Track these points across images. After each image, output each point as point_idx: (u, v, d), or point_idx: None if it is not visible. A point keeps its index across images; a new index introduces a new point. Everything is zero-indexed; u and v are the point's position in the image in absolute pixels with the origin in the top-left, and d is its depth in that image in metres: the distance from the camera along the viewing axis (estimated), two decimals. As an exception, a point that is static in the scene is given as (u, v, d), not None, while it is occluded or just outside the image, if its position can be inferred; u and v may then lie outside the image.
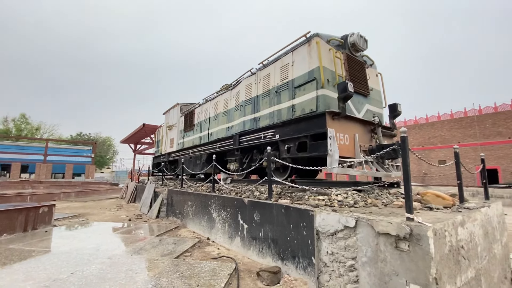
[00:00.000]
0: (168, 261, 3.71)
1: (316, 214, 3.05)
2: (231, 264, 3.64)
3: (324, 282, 2.92)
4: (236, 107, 7.06)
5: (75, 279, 3.05)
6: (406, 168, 2.49)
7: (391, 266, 2.36)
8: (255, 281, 3.23)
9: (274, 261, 3.59)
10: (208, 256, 4.19)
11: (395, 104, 5.38)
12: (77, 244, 4.54)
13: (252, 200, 4.26)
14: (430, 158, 23.10)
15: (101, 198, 13.36)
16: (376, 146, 4.75)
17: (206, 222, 5.45)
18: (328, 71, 4.66)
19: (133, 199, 11.69)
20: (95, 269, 3.36)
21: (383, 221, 2.43)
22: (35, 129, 46.87)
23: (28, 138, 40.32)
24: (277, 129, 5.35)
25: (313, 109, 4.58)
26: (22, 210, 5.18)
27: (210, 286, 2.92)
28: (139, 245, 4.56)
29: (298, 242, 3.25)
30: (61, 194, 12.11)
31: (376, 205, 3.69)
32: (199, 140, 8.96)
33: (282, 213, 3.55)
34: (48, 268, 3.39)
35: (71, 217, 7.44)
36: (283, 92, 5.36)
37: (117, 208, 9.71)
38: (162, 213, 7.61)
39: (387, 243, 2.41)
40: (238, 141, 6.55)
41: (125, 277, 3.13)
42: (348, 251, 2.71)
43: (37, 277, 3.10)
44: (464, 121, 22.62)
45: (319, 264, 2.99)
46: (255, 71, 6.50)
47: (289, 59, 5.34)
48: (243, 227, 4.34)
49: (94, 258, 3.80)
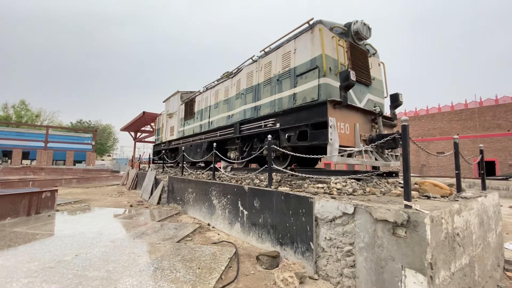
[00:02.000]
0: (169, 245, 3.80)
1: (315, 201, 3.10)
2: (231, 249, 3.73)
3: (322, 266, 3.00)
4: (237, 95, 7.02)
5: (79, 260, 3.13)
6: (406, 157, 2.51)
7: (387, 251, 2.43)
8: (254, 264, 3.32)
9: (273, 246, 3.67)
10: (208, 241, 4.29)
11: (397, 94, 5.35)
12: (80, 228, 4.63)
13: (252, 187, 4.31)
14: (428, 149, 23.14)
15: (102, 184, 13.49)
16: (376, 135, 4.76)
17: (207, 208, 5.54)
18: (331, 59, 4.61)
19: (134, 186, 11.81)
20: (99, 252, 3.45)
21: (381, 208, 2.47)
22: (35, 115, 46.72)
23: (28, 124, 40.25)
24: (278, 118, 5.34)
25: (314, 97, 4.56)
26: (25, 194, 5.25)
27: (210, 269, 3.00)
28: (141, 230, 4.65)
29: (297, 228, 3.31)
30: (63, 180, 12.22)
31: (374, 193, 3.74)
32: (200, 128, 8.96)
33: (281, 200, 3.61)
34: (52, 250, 3.48)
35: (73, 202, 7.54)
36: (285, 81, 5.32)
37: (119, 194, 9.82)
38: (163, 200, 7.71)
39: (384, 229, 2.47)
40: (238, 129, 6.55)
41: (127, 260, 3.21)
42: (346, 237, 2.77)
43: (42, 258, 3.19)
44: (464, 113, 22.51)
45: (317, 249, 3.06)
46: (256, 59, 6.42)
47: (291, 47, 5.27)
48: (243, 213, 4.41)
49: (97, 242, 3.88)
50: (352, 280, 2.69)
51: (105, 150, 57.09)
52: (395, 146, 4.53)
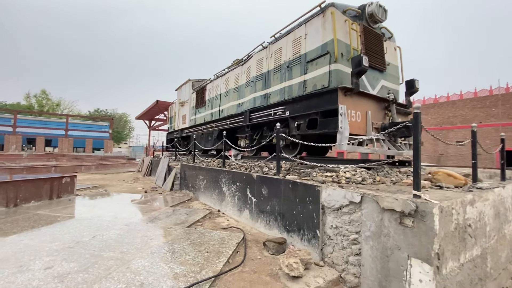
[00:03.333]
0: (180, 230, 3.94)
1: (322, 189, 3.09)
2: (239, 234, 3.82)
3: (328, 253, 3.02)
4: (247, 83, 6.96)
5: (96, 242, 3.32)
6: (416, 145, 2.43)
7: (393, 240, 2.41)
8: (261, 250, 3.40)
9: (281, 233, 3.73)
10: (218, 226, 4.40)
11: (413, 80, 5.13)
12: (97, 212, 4.87)
13: (261, 175, 4.34)
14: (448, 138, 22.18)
15: (119, 171, 14.02)
16: (389, 123, 4.62)
17: (217, 195, 5.66)
18: (343, 44, 4.45)
19: (149, 172, 12.20)
20: (114, 234, 3.63)
21: (389, 198, 2.43)
22: (55, 105, 48.59)
23: (50, 113, 41.96)
24: (288, 105, 5.27)
25: (325, 84, 4.45)
26: (47, 179, 5.56)
27: (218, 253, 3.10)
28: (154, 214, 4.84)
29: (303, 215, 3.33)
30: (82, 167, 12.81)
31: (384, 182, 3.67)
32: (211, 117, 9.03)
33: (289, 188, 3.62)
34: (72, 232, 3.70)
35: (91, 188, 7.92)
36: (295, 67, 5.20)
37: (134, 180, 10.20)
38: (176, 186, 7.93)
39: (391, 219, 2.43)
40: (248, 117, 6.55)
41: (140, 242, 3.37)
42: (352, 225, 2.77)
43: (62, 239, 3.40)
44: (488, 99, 21.22)
45: (323, 236, 3.08)
46: (266, 45, 6.30)
47: (302, 32, 5.11)
48: (251, 200, 4.48)
49: (112, 225, 4.09)
50: (357, 268, 2.70)
51: (122, 138, 58.86)
52: (409, 135, 4.39)
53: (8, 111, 33.83)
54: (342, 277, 2.83)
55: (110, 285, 2.28)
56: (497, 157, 19.06)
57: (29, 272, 2.48)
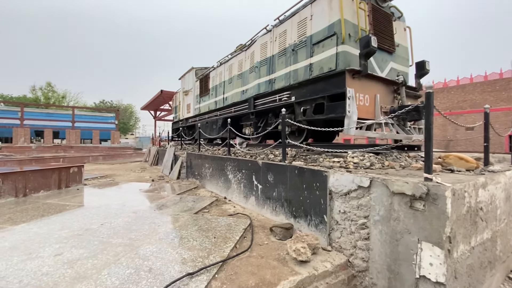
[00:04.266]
0: (187, 216, 3.97)
1: (330, 174, 3.04)
2: (246, 220, 3.83)
3: (335, 238, 3.00)
4: (250, 68, 6.81)
5: (104, 229, 3.36)
6: (428, 127, 2.33)
7: (403, 224, 2.36)
8: (268, 235, 3.40)
9: (287, 218, 3.72)
10: (224, 213, 4.42)
11: (423, 61, 4.92)
12: (105, 201, 4.94)
13: (266, 162, 4.30)
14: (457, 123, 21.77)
15: (126, 161, 14.18)
16: (398, 107, 4.48)
17: (223, 182, 5.66)
18: (350, 25, 4.26)
19: (156, 162, 12.30)
20: (122, 222, 3.67)
21: (399, 181, 2.37)
22: (61, 97, 48.90)
23: (56, 105, 42.35)
24: (293, 90, 5.15)
25: (332, 67, 4.30)
26: (55, 169, 5.63)
27: (225, 238, 3.11)
28: (161, 202, 4.88)
29: (310, 201, 3.30)
30: (90, 157, 12.98)
31: (393, 167, 3.59)
32: (215, 105, 8.94)
33: (295, 174, 3.57)
34: (80, 220, 3.75)
35: (99, 177, 8.03)
36: (300, 50, 5.04)
37: (141, 170, 10.30)
38: (182, 175, 7.98)
39: (401, 203, 2.38)
40: (253, 105, 6.45)
41: (148, 229, 3.40)
42: (361, 210, 2.72)
43: (71, 226, 3.46)
44: (498, 83, 20.49)
45: (331, 222, 3.05)
46: (270, 28, 6.10)
47: (307, 13, 4.91)
48: (257, 187, 4.46)
49: (120, 212, 4.13)
50: (365, 252, 2.68)
51: (128, 129, 59.32)
52: (419, 118, 4.26)
53: (15, 104, 34.25)
54: (350, 261, 2.82)
55: (119, 270, 2.31)
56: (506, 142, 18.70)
57: (39, 259, 2.53)
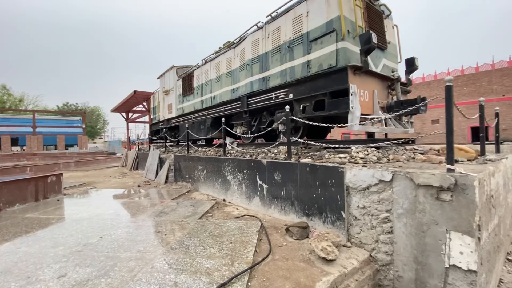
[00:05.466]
0: (193, 222, 3.74)
1: (347, 170, 3.02)
2: (256, 222, 3.70)
3: (354, 234, 2.99)
4: (241, 66, 6.65)
5: (106, 242, 3.03)
6: (449, 120, 2.38)
7: (430, 216, 2.39)
8: (283, 236, 3.30)
9: (299, 217, 3.65)
10: (229, 215, 4.24)
11: (413, 58, 5.13)
12: (95, 211, 4.51)
13: (272, 161, 4.20)
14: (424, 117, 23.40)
15: (102, 167, 13.24)
16: (394, 102, 4.62)
17: (220, 184, 5.46)
18: (348, 21, 4.30)
19: (136, 166, 11.62)
20: (123, 232, 3.36)
21: (425, 173, 2.39)
22: (18, 100, 44.56)
23: (13, 110, 38.42)
24: (290, 88, 5.10)
25: (332, 64, 4.31)
26: (31, 180, 5.03)
27: (243, 243, 2.96)
28: (158, 209, 4.57)
29: (325, 198, 3.26)
30: (61, 165, 11.92)
31: (399, 160, 3.67)
32: (201, 105, 8.63)
33: (306, 172, 3.51)
34: (74, 234, 3.36)
35: (78, 185, 7.37)
36: (296, 47, 5.00)
37: (122, 175, 9.66)
38: (170, 179, 7.59)
39: (426, 195, 2.41)
40: (246, 103, 6.30)
41: (155, 239, 3.14)
42: (382, 204, 2.73)
43: (66, 243, 3.08)
44: (460, 79, 22.42)
45: (349, 217, 3.03)
46: (262, 25, 5.99)
47: (303, 9, 4.88)
48: (262, 187, 4.34)
49: (117, 223, 3.78)
50: (389, 246, 2.69)
51: (96, 133, 55.75)
52: (416, 112, 4.42)
53: (-37, 109, 30.49)
54: (372, 256, 2.82)
55: (141, 288, 2.07)
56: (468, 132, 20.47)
57: (41, 283, 2.19)
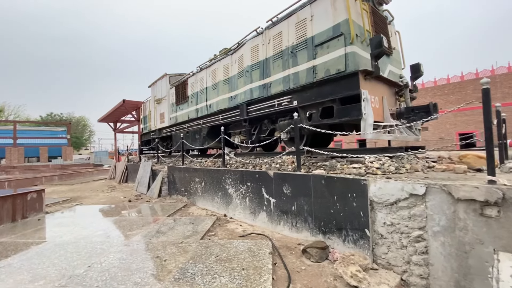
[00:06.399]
0: (195, 244, 3.33)
1: (370, 182, 2.73)
2: (266, 242, 3.33)
3: (381, 254, 2.68)
4: (239, 73, 6.38)
5: (95, 273, 2.58)
6: (488, 125, 2.16)
7: (473, 234, 2.12)
8: (299, 258, 2.95)
9: (313, 235, 3.32)
10: (233, 234, 3.86)
11: (418, 64, 5.02)
12: (81, 232, 4.01)
13: (279, 172, 3.88)
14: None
15: (88, 180, 12.50)
16: (404, 109, 4.44)
17: (221, 198, 5.06)
18: (356, 25, 4.12)
19: (125, 179, 11.00)
20: (115, 260, 2.91)
21: (466, 186, 2.13)
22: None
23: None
24: (295, 94, 4.85)
25: (340, 69, 4.09)
26: (7, 198, 4.48)
27: (256, 269, 2.59)
28: (154, 228, 4.12)
29: (345, 214, 2.95)
30: (43, 178, 11.13)
31: (417, 170, 3.44)
32: (196, 113, 8.27)
33: (322, 184, 3.21)
34: (56, 262, 2.89)
35: (61, 202, 6.76)
36: (300, 52, 4.78)
37: (110, 189, 9.05)
38: (164, 192, 7.11)
39: (468, 210, 2.14)
40: (246, 111, 6.00)
41: (154, 266, 2.72)
42: (414, 220, 2.44)
43: (47, 274, 2.61)
44: (447, 87, 23.16)
45: (374, 236, 2.73)
46: (261, 31, 5.78)
47: (306, 13, 4.69)
48: (269, 201, 3.99)
49: (108, 247, 3.32)
50: (423, 268, 2.39)
51: (82, 144, 53.90)
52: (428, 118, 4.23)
53: None
54: (404, 279, 2.50)
55: (143, 338, 1.66)
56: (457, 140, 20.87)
57: (13, 333, 1.74)
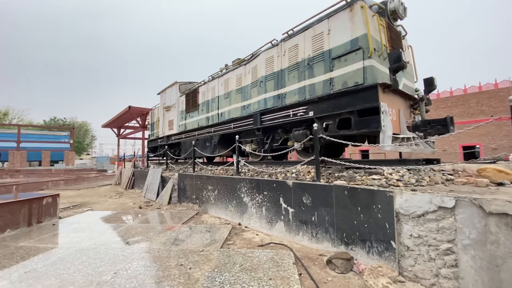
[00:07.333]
0: (216, 252, 3.33)
1: (396, 194, 2.76)
2: (288, 252, 3.33)
3: (407, 266, 2.68)
4: (253, 83, 6.50)
5: (122, 280, 2.59)
6: (518, 141, 2.20)
7: (505, 248, 2.14)
8: (323, 268, 2.95)
9: (335, 246, 3.32)
10: (251, 243, 3.86)
11: (431, 78, 5.12)
12: (99, 238, 4.01)
13: (299, 182, 3.91)
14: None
15: (94, 185, 12.49)
16: (421, 121, 4.51)
17: (235, 207, 5.07)
18: (374, 40, 4.23)
19: (131, 185, 11.00)
20: (139, 267, 2.91)
21: (498, 200, 2.17)
22: (2, 114, 42.97)
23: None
24: (311, 105, 4.93)
25: (358, 81, 4.18)
26: (24, 202, 4.50)
27: (283, 279, 2.59)
28: (171, 235, 4.12)
29: (369, 225, 2.97)
30: (49, 183, 11.13)
31: (437, 182, 3.47)
32: (206, 121, 8.35)
33: (344, 195, 3.24)
34: (81, 269, 2.89)
35: (72, 207, 6.76)
36: (317, 65, 4.89)
37: (118, 195, 9.05)
38: (174, 199, 7.12)
39: (500, 224, 2.17)
40: (259, 120, 6.08)
41: (180, 274, 2.72)
42: (443, 233, 2.46)
43: (75, 280, 2.62)
44: (450, 100, 23.38)
45: (400, 248, 2.74)
46: (277, 43, 5.92)
47: (323, 27, 4.83)
48: (287, 211, 4.01)
49: (129, 254, 3.33)
50: (453, 282, 2.39)
51: (83, 149, 54.01)
52: (445, 132, 4.30)
53: None
54: (432, 293, 2.50)
55: None
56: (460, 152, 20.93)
57: None
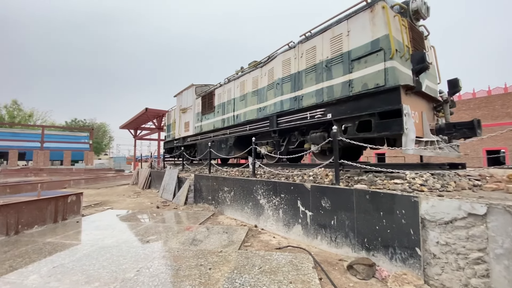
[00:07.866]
0: (234, 253, 3.34)
1: (422, 200, 2.67)
2: (306, 255, 3.30)
3: (433, 275, 2.58)
4: (269, 85, 6.51)
5: (145, 278, 2.65)
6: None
7: (543, 259, 2.02)
8: (343, 274, 2.90)
9: (355, 251, 3.25)
10: (269, 245, 3.84)
11: (456, 79, 4.94)
12: (121, 236, 4.13)
13: (317, 185, 3.87)
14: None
15: (112, 184, 12.89)
16: (445, 124, 4.35)
17: (251, 208, 5.08)
18: (395, 41, 4.14)
19: (148, 185, 11.26)
20: (161, 265, 2.97)
21: (535, 208, 2.05)
22: (28, 115, 45.24)
23: (22, 124, 38.93)
24: (329, 107, 4.87)
25: (379, 83, 4.09)
26: (51, 199, 4.71)
27: (304, 283, 2.56)
28: (189, 235, 4.18)
29: (392, 231, 2.89)
30: (71, 181, 11.60)
31: (464, 188, 3.33)
32: (222, 123, 8.44)
33: (366, 200, 3.17)
34: (106, 265, 2.99)
35: (93, 205, 7.01)
36: (335, 66, 4.83)
37: (136, 195, 9.29)
38: (190, 200, 7.22)
39: (538, 234, 2.05)
40: (276, 122, 6.07)
41: (200, 274, 2.75)
42: (473, 241, 2.35)
43: (99, 277, 2.70)
44: (472, 102, 22.40)
45: (425, 255, 2.64)
46: (294, 45, 5.91)
47: (342, 29, 4.77)
48: (305, 214, 3.97)
49: (150, 252, 3.40)
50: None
51: (101, 149, 55.94)
52: (471, 135, 4.12)
53: (-25, 123, 30.83)
54: (461, 304, 2.40)
55: None
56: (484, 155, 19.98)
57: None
